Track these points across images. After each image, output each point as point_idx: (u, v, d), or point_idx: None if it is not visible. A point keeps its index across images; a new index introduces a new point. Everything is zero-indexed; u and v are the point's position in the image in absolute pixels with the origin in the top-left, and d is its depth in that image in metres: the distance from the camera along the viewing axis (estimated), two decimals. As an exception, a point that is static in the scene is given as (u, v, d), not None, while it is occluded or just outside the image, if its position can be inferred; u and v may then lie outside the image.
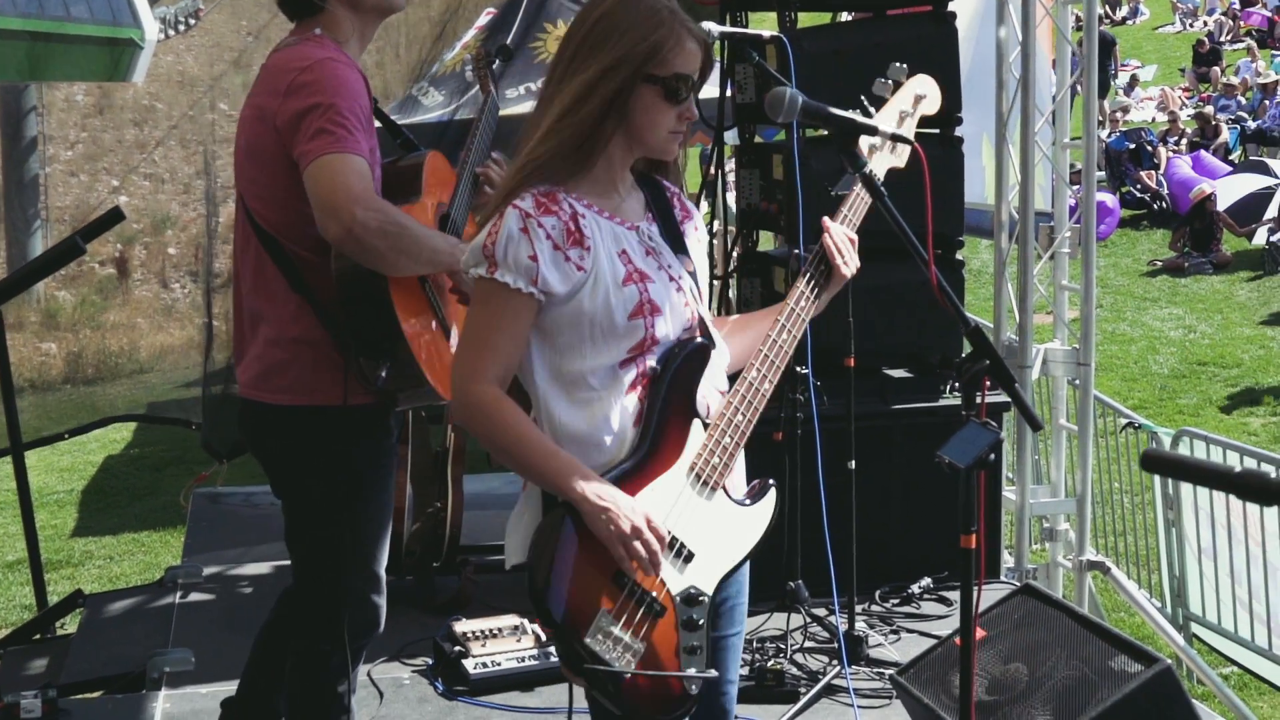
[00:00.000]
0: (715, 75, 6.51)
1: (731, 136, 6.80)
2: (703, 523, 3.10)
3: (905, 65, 3.73)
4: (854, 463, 5.65)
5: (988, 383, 3.16)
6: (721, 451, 3.12)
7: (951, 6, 6.48)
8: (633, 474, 3.04)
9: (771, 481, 3.28)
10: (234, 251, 4.39)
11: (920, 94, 3.73)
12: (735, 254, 6.64)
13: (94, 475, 12.81)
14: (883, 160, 3.50)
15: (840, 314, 5.51)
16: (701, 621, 3.07)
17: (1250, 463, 7.74)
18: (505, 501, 7.56)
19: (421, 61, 12.27)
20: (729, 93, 6.33)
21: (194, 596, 6.71)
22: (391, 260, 4.02)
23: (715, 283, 6.66)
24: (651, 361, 3.11)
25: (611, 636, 2.94)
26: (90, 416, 11.07)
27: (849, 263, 3.38)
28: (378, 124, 4.43)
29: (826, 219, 3.39)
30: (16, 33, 12.58)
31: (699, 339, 3.18)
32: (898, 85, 3.71)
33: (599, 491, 2.95)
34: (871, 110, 3.48)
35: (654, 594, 3.00)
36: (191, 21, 20.59)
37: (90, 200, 14.85)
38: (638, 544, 2.94)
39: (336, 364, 4.13)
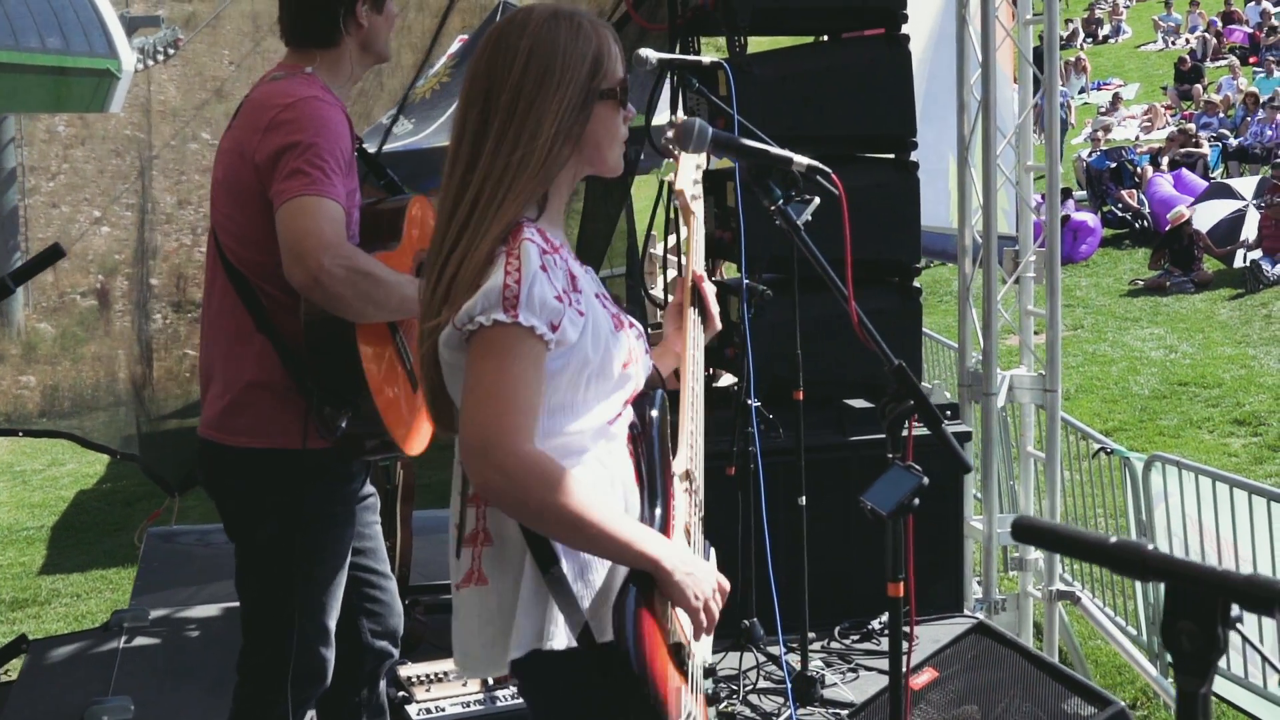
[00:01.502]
0: (665, 102, 6.41)
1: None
2: None
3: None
4: (804, 498, 5.51)
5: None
6: (697, 509, 3.01)
7: (908, 27, 6.35)
8: (663, 528, 2.86)
9: (709, 545, 3.14)
10: (204, 285, 4.30)
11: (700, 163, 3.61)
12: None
13: (65, 510, 12.67)
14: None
15: (791, 346, 5.39)
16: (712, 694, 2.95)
17: (1222, 488, 7.60)
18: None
19: (404, 88, 12.17)
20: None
21: (139, 641, 6.57)
22: (358, 309, 3.90)
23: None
24: (632, 415, 2.96)
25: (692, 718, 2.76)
26: (65, 450, 10.95)
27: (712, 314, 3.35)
28: (362, 164, 4.36)
29: (697, 273, 3.32)
30: (-9, 65, 12.52)
31: (660, 389, 3.04)
32: None
33: (684, 558, 2.76)
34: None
35: (700, 666, 2.86)
36: (171, 51, 20.53)
37: (72, 231, 14.78)
38: (716, 610, 2.79)
39: (297, 407, 4.02)
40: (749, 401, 5.44)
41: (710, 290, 3.29)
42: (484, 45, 2.94)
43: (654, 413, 2.96)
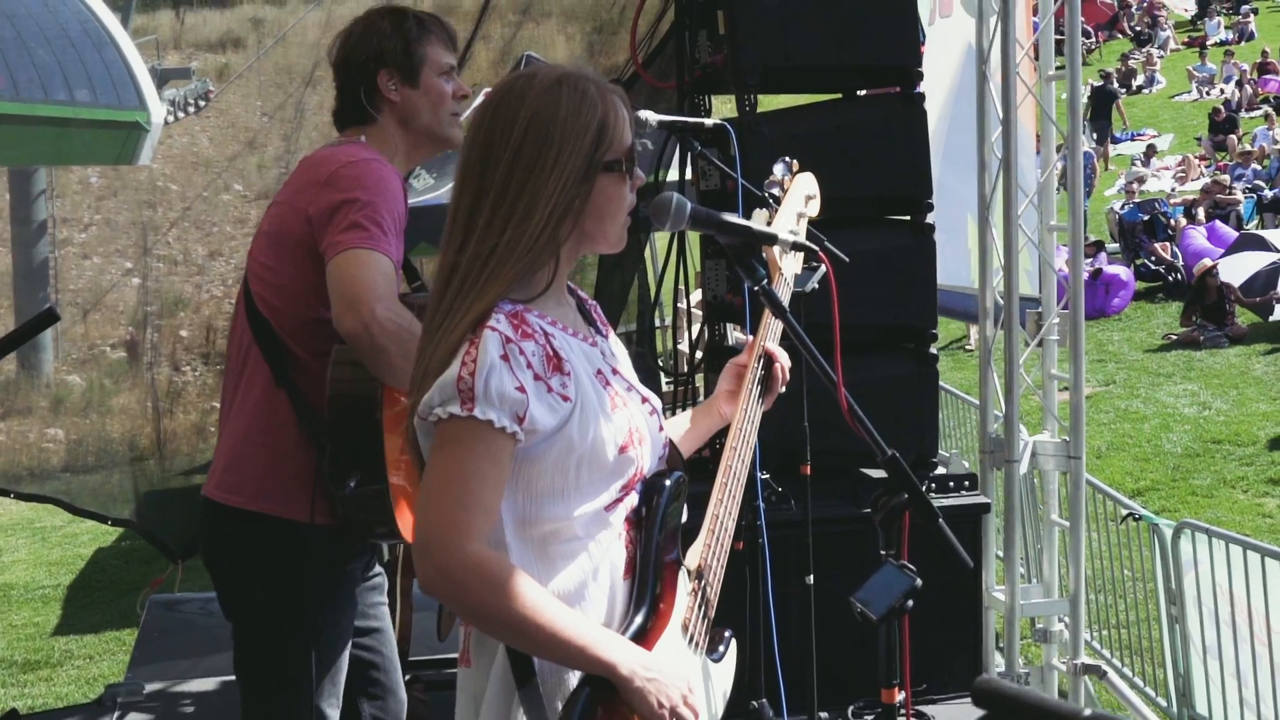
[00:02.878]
0: (675, 161, 6.24)
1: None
2: (698, 688, 2.77)
3: (794, 160, 3.41)
4: (812, 577, 5.30)
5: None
6: (705, 605, 2.82)
7: (925, 82, 6.18)
8: (641, 637, 2.68)
9: (729, 633, 2.96)
10: (229, 337, 4.17)
11: (809, 194, 3.41)
12: (701, 349, 6.33)
13: (83, 569, 12.53)
14: (793, 262, 3.18)
15: (800, 417, 5.20)
16: None
17: (1254, 556, 7.36)
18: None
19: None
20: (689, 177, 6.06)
21: (132, 717, 6.38)
22: (400, 368, 3.69)
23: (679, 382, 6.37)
24: (635, 500, 2.76)
25: None
26: (83, 498, 10.81)
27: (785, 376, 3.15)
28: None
29: (769, 347, 3.12)
30: (21, 117, 12.54)
31: (677, 471, 2.84)
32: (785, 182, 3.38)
33: (644, 662, 2.60)
34: (773, 205, 3.18)
35: None
36: (202, 103, 20.60)
37: (103, 282, 14.74)
38: (689, 715, 2.61)
39: (306, 474, 3.87)
40: (757, 474, 5.26)
41: (785, 363, 3.13)
42: (482, 112, 2.75)
43: (662, 501, 2.76)
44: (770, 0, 5.92)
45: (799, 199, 3.41)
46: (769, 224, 3.23)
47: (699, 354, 6.39)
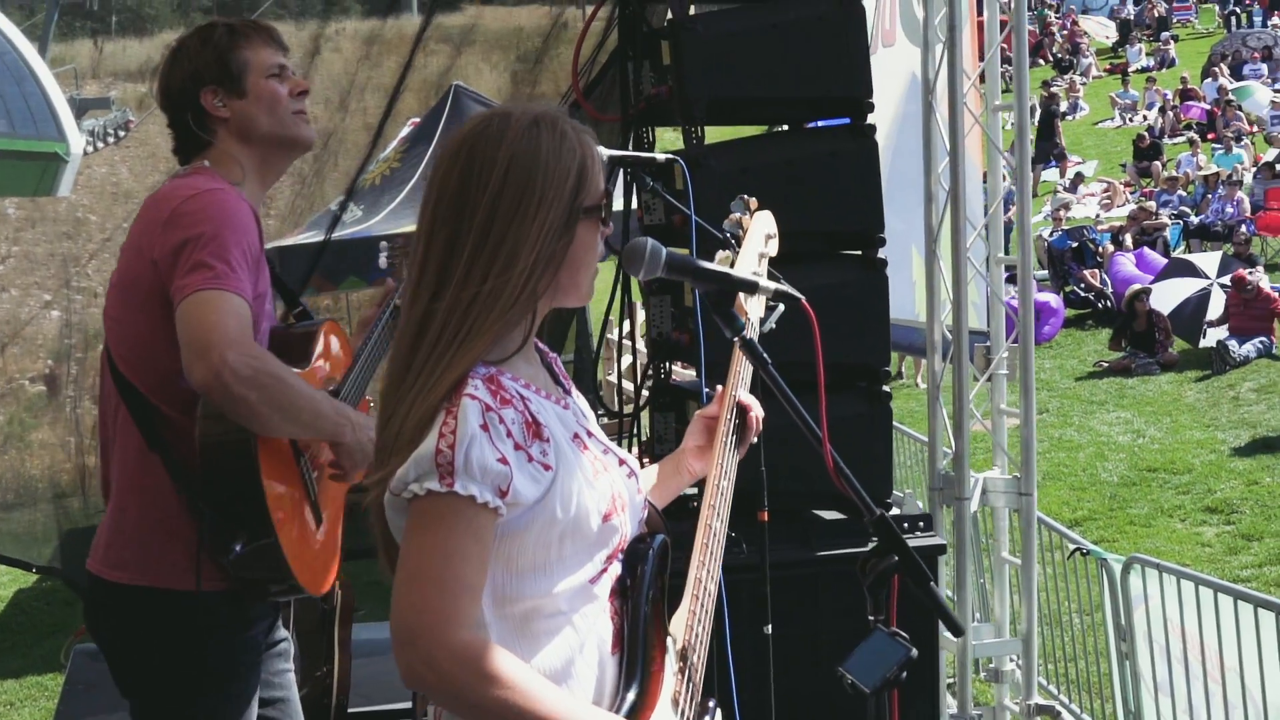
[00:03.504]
0: (619, 193, 6.06)
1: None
2: None
3: (752, 198, 3.23)
4: (770, 626, 5.13)
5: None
6: (694, 675, 2.65)
7: (873, 117, 6.03)
8: (635, 715, 2.53)
9: (714, 703, 2.79)
10: (99, 399, 3.91)
11: (769, 233, 3.25)
12: (646, 387, 6.15)
13: (2, 611, 12.16)
14: (757, 305, 3.02)
15: (756, 459, 5.02)
16: None
17: (1206, 592, 7.25)
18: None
19: (358, 169, 11.90)
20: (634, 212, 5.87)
21: (57, 777, 6.12)
22: (264, 416, 3.49)
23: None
24: (619, 569, 2.59)
25: None
26: (6, 551, 10.54)
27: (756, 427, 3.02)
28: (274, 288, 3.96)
29: (740, 397, 2.96)
30: (-64, 149, 12.34)
31: (659, 535, 2.67)
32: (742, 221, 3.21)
33: None
34: (734, 246, 3.01)
35: None
36: (122, 133, 20.33)
37: (21, 315, 14.47)
38: None
39: (190, 542, 3.61)
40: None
41: (759, 412, 3.00)
42: (454, 153, 2.55)
43: (647, 569, 2.59)
44: (717, 30, 5.76)
45: (759, 238, 3.24)
46: (731, 265, 3.06)
47: (644, 392, 6.21)
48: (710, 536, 2.74)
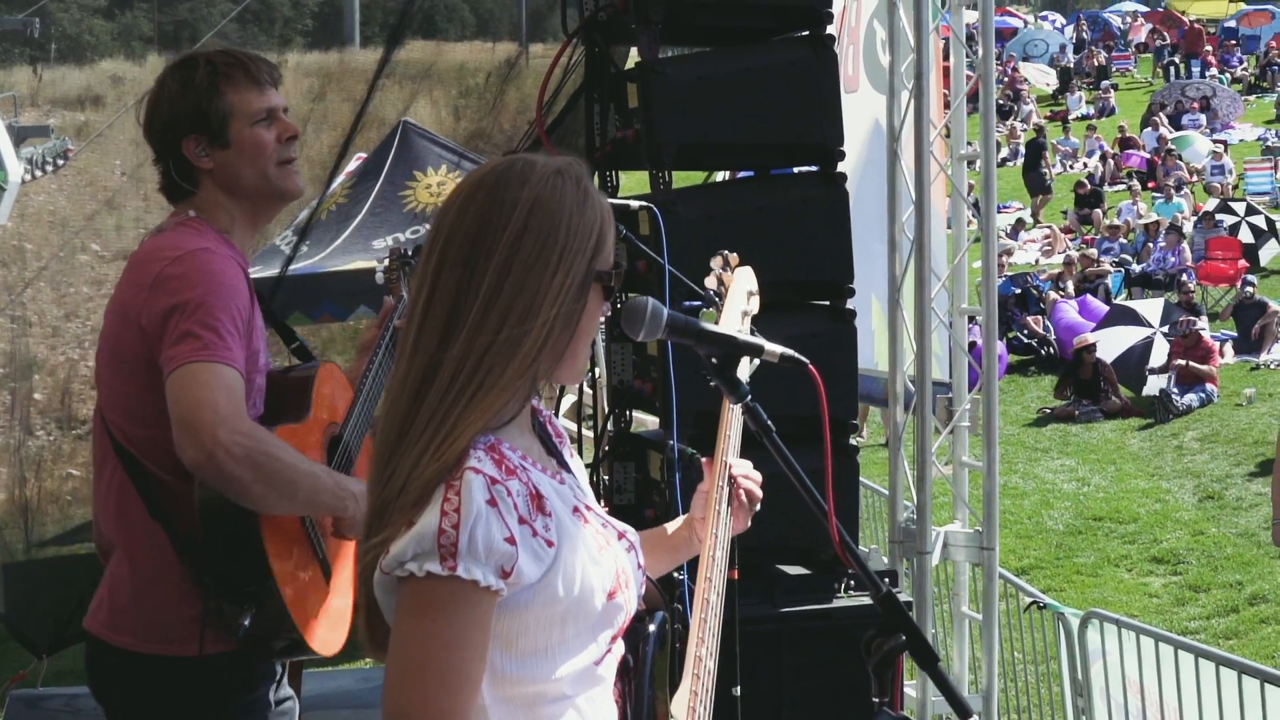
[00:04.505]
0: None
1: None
2: None
3: (733, 254, 3.10)
4: (739, 688, 4.98)
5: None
6: None
7: (842, 166, 5.93)
8: None
9: None
10: (93, 466, 3.75)
11: (750, 289, 3.12)
12: (607, 437, 6.00)
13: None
14: (746, 366, 2.89)
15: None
16: None
17: (1166, 650, 7.16)
18: (357, 699, 6.87)
19: (307, 204, 11.72)
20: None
21: (-10, 833, 5.90)
22: (259, 495, 3.37)
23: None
24: (622, 648, 2.46)
25: None
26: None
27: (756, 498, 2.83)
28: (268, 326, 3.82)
29: (732, 464, 2.79)
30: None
31: (659, 612, 2.57)
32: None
33: None
34: (717, 304, 2.89)
35: None
36: (60, 162, 20.19)
37: (-48, 342, 14.25)
38: None
39: (193, 608, 3.47)
40: (674, 574, 4.93)
41: (754, 485, 2.83)
42: (470, 192, 2.38)
43: (649, 649, 2.49)
44: (686, 75, 5.65)
45: (741, 296, 3.10)
46: (715, 325, 2.93)
47: (586, 433, 6.07)
48: (709, 612, 2.60)
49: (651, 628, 2.49)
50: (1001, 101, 42.93)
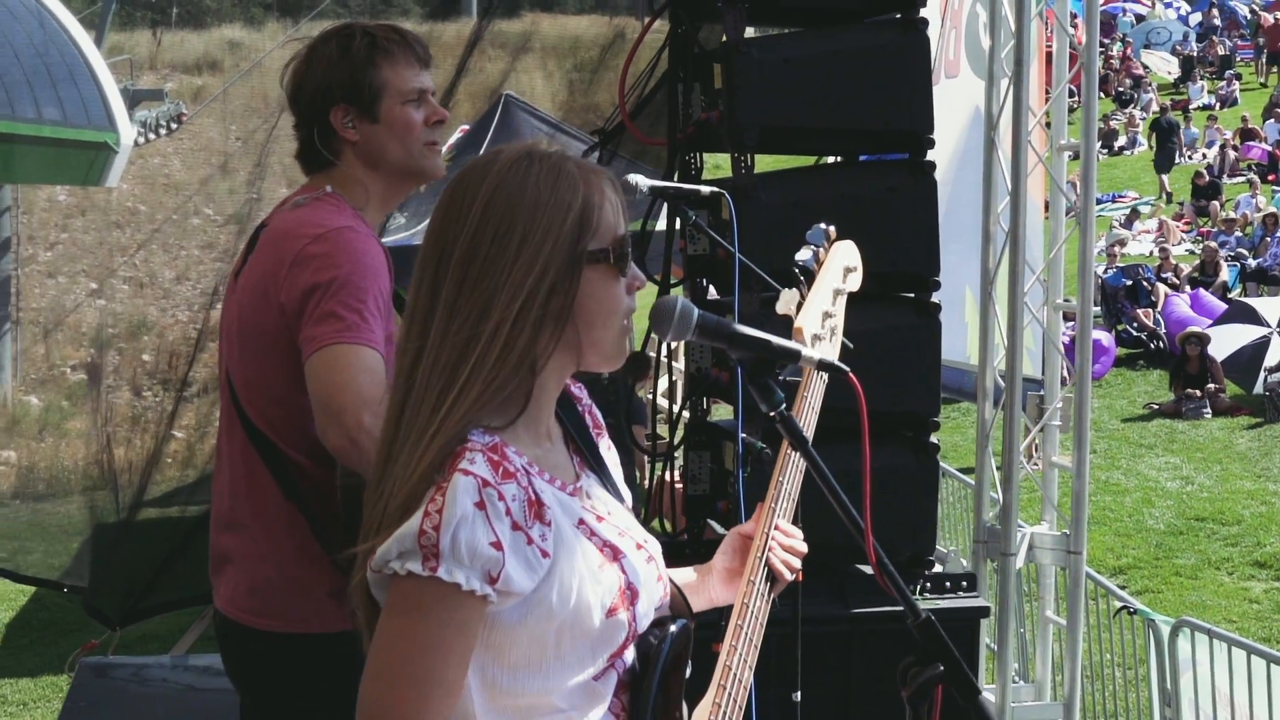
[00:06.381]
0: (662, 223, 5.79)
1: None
2: None
3: (831, 227, 2.92)
4: (799, 694, 4.84)
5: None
6: None
7: (932, 152, 5.74)
8: None
9: None
10: (218, 442, 3.70)
11: (849, 265, 2.92)
12: (682, 424, 5.87)
13: (24, 606, 11.96)
14: (829, 348, 2.71)
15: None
16: None
17: (1258, 663, 6.93)
18: None
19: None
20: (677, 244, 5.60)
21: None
22: None
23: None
24: (630, 658, 2.32)
25: None
26: (33, 536, 10.37)
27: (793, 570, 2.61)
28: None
29: (778, 527, 2.60)
30: (-13, 133, 12.25)
31: (682, 620, 2.40)
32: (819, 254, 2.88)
33: None
34: (803, 285, 2.71)
35: None
36: (174, 125, 20.34)
37: (66, 302, 14.41)
38: None
39: (332, 586, 3.36)
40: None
41: (791, 558, 2.62)
42: (445, 191, 2.30)
43: (660, 659, 2.32)
44: (772, 55, 5.48)
45: (836, 273, 2.90)
46: (800, 304, 2.75)
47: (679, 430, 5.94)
48: (748, 617, 2.44)
49: (667, 637, 2.33)
50: (1122, 89, 42.29)
